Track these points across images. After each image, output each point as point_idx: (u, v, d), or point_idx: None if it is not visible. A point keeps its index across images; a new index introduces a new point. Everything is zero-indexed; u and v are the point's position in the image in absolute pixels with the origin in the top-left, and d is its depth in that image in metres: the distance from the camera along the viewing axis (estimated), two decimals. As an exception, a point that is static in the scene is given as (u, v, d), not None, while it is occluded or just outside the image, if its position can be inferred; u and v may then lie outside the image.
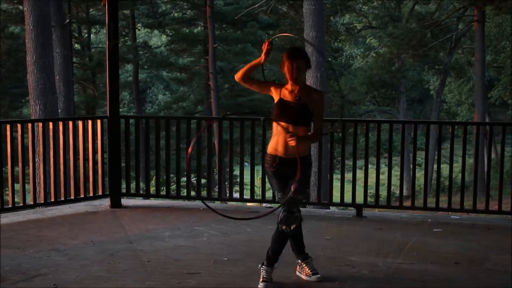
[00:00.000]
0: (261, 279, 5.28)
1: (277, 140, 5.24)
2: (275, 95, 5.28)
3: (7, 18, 26.66)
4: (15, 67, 25.82)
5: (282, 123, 5.15)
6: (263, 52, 5.23)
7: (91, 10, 29.40)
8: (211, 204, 8.65)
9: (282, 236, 5.27)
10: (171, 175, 8.95)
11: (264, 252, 5.37)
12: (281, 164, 5.22)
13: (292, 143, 5.03)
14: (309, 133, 5.26)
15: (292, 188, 5.10)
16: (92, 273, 5.66)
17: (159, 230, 7.21)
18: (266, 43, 5.22)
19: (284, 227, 5.20)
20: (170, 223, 7.61)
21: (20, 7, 24.39)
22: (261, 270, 5.33)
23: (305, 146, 5.25)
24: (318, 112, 5.23)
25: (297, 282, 5.44)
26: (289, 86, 5.26)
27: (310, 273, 5.44)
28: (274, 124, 5.25)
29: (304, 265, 5.50)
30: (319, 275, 5.42)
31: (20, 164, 7.81)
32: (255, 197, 8.51)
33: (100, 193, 8.50)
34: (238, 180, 8.53)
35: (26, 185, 8.02)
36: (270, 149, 5.29)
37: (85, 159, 8.32)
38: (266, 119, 7.73)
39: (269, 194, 8.37)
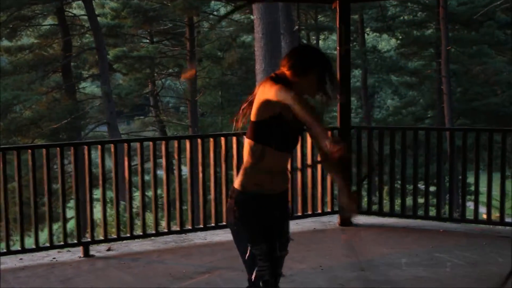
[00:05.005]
0: None
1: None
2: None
3: (239, 28, 27.36)
4: (246, 75, 26.35)
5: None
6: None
7: (319, 16, 29.32)
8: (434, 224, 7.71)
9: None
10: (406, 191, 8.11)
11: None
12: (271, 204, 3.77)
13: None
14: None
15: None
16: (320, 306, 5.06)
17: (394, 256, 6.43)
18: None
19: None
20: (406, 247, 6.79)
21: (251, 16, 24.86)
22: None
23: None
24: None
25: None
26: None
27: None
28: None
29: None
30: None
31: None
32: (505, 219, 7.39)
33: (329, 209, 7.93)
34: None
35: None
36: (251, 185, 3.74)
37: (312, 173, 7.79)
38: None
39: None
